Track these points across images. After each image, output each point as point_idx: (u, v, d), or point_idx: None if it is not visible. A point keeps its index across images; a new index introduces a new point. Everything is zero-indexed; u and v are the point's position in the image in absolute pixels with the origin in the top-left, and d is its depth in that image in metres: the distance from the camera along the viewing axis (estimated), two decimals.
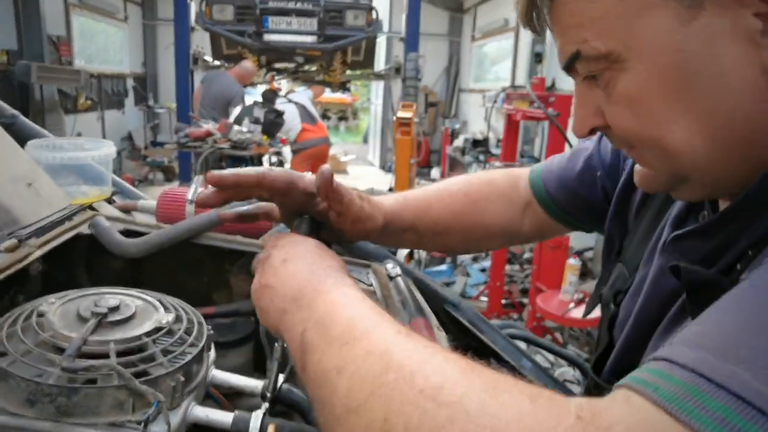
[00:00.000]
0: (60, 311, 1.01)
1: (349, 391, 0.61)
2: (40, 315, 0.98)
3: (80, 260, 1.49)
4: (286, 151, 8.46)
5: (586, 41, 0.72)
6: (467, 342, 1.54)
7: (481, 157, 9.27)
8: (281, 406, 1.07)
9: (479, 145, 10.37)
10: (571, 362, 1.78)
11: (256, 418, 0.95)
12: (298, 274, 0.82)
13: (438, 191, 1.27)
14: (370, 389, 0.59)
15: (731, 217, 0.78)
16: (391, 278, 1.36)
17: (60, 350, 0.91)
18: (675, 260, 0.81)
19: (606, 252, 1.17)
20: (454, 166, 12.52)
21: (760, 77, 0.66)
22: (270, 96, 8.40)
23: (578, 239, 7.81)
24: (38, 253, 1.24)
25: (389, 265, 1.38)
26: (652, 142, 0.75)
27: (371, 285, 1.38)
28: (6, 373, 0.85)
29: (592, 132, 0.83)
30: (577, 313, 4.79)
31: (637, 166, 0.86)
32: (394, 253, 1.44)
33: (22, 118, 1.91)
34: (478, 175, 1.36)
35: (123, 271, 1.53)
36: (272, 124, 7.54)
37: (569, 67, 0.79)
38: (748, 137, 0.69)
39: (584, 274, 6.65)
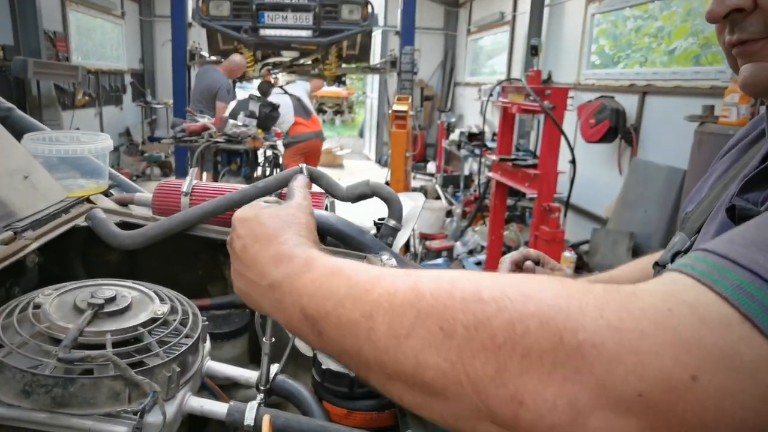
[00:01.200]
0: (56, 302, 1.01)
1: (391, 323, 0.64)
2: (37, 306, 0.99)
3: (76, 252, 1.49)
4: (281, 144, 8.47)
5: None
6: None
7: (477, 151, 9.26)
8: (276, 396, 1.07)
9: (475, 138, 10.35)
10: None
11: (251, 408, 0.96)
12: (259, 260, 0.82)
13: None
14: (414, 314, 0.63)
15: None
16: None
17: (56, 341, 0.91)
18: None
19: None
20: (450, 160, 12.51)
21: None
22: (266, 88, 8.40)
23: (573, 233, 7.83)
24: (35, 245, 1.24)
25: (384, 257, 1.38)
26: None
27: None
28: (2, 364, 0.85)
29: (728, 15, 0.82)
30: None
31: (745, 65, 0.86)
32: (390, 245, 1.44)
33: (18, 111, 1.90)
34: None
35: (119, 263, 1.54)
36: (267, 117, 7.53)
37: None
38: None
39: (580, 267, 6.68)
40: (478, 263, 7.28)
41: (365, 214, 1.99)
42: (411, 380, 0.64)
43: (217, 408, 0.96)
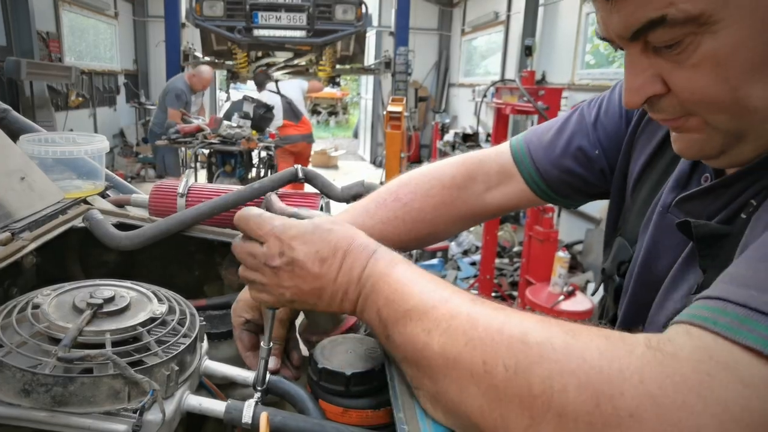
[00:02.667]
0: (55, 303, 1.01)
1: (444, 345, 0.68)
2: (36, 306, 0.99)
3: (74, 253, 1.50)
4: None
5: (673, 4, 0.66)
6: None
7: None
8: (273, 395, 1.08)
9: (469, 139, 10.37)
10: None
11: (249, 406, 0.96)
12: (346, 261, 0.85)
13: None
14: (464, 341, 0.66)
15: (743, 175, 0.80)
16: None
17: (56, 341, 0.91)
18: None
19: (607, 228, 1.20)
20: None
21: None
22: (261, 79, 8.42)
23: (567, 233, 7.84)
24: (32, 246, 1.25)
25: None
26: (730, 104, 0.71)
27: None
28: (1, 363, 0.85)
29: (645, 101, 0.79)
30: (567, 305, 4.82)
31: (677, 135, 0.83)
32: None
33: (14, 112, 1.90)
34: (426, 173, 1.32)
35: (116, 263, 1.54)
36: (261, 119, 7.54)
37: (638, 36, 0.72)
38: None
39: (573, 267, 6.70)
40: (473, 263, 7.29)
41: None
42: (454, 411, 0.67)
43: (215, 406, 0.97)
